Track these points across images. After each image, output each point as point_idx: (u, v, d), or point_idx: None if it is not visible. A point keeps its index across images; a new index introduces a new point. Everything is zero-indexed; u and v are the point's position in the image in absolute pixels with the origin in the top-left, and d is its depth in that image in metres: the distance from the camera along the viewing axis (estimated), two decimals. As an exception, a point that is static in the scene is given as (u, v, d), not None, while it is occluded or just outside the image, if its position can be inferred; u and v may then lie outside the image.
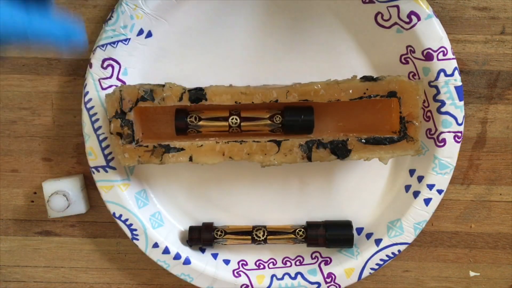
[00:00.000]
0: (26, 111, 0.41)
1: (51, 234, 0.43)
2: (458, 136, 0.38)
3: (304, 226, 0.40)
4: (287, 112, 0.36)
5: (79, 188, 0.41)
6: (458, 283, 0.44)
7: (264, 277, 0.41)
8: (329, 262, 0.41)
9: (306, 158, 0.36)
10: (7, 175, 0.42)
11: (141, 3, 0.37)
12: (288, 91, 0.36)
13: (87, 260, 0.44)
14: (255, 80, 0.39)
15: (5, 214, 0.43)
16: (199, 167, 0.41)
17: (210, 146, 0.36)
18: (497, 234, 0.43)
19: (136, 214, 0.40)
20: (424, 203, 0.39)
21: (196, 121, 0.36)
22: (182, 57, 0.39)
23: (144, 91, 0.35)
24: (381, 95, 0.35)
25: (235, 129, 0.36)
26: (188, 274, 0.40)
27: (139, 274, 0.44)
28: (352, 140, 0.36)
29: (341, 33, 0.39)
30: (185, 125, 0.36)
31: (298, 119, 0.36)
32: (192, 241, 0.40)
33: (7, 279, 0.44)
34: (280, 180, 0.41)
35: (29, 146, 0.42)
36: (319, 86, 0.35)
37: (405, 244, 0.40)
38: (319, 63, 0.39)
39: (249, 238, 0.40)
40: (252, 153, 0.36)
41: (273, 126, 0.36)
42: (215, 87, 0.36)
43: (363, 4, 0.37)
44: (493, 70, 0.40)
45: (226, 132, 0.36)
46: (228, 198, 0.41)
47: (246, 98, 0.36)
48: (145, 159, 0.37)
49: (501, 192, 0.42)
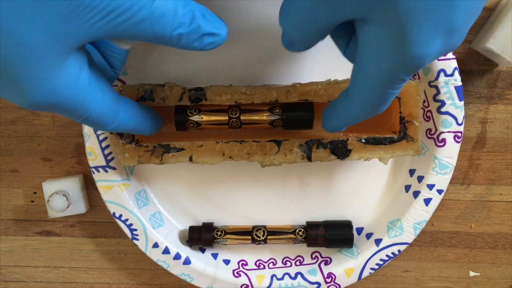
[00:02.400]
0: (26, 111, 0.41)
1: (51, 234, 0.43)
2: (458, 136, 0.38)
3: (304, 226, 0.40)
4: (287, 105, 0.36)
5: (79, 188, 0.41)
6: (458, 283, 0.44)
7: (264, 277, 0.41)
8: (329, 262, 0.41)
9: (306, 158, 0.36)
10: (7, 175, 0.43)
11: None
12: (288, 91, 0.36)
13: (87, 260, 0.44)
14: (255, 80, 0.39)
15: (5, 214, 0.43)
16: (199, 167, 0.41)
17: (210, 146, 0.36)
18: (497, 234, 0.43)
19: (136, 214, 0.40)
20: (424, 203, 0.39)
21: (196, 113, 0.35)
22: (182, 57, 0.39)
23: (144, 91, 0.35)
24: (381, 95, 0.35)
25: (235, 120, 0.35)
26: (188, 274, 0.40)
27: (139, 274, 0.44)
28: (352, 140, 0.36)
29: (341, 33, 0.39)
30: (185, 119, 0.35)
31: (298, 111, 0.35)
32: (192, 241, 0.40)
33: (7, 279, 0.44)
34: (280, 180, 0.41)
35: (29, 146, 0.42)
36: (319, 86, 0.35)
37: (405, 244, 0.40)
38: (319, 63, 0.39)
39: (249, 238, 0.40)
40: (252, 153, 0.36)
41: (273, 117, 0.35)
42: (215, 87, 0.36)
43: (363, 4, 0.37)
44: (493, 70, 0.40)
45: (226, 124, 0.35)
46: (228, 198, 0.42)
47: (246, 98, 0.36)
48: (145, 159, 0.37)
49: (501, 192, 0.42)
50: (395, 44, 0.22)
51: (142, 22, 0.22)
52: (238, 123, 0.35)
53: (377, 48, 0.23)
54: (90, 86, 0.24)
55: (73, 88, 0.23)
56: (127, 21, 0.22)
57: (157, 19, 0.22)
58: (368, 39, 0.23)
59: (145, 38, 0.23)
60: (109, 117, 0.27)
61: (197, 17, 0.24)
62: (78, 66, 0.23)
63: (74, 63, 0.23)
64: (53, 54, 0.21)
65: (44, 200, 0.40)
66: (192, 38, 0.24)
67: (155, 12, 0.22)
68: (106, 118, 0.26)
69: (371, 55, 0.23)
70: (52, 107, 0.23)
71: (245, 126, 0.36)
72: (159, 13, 0.22)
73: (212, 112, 0.35)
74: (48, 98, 0.22)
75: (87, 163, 0.39)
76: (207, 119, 0.35)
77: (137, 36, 0.23)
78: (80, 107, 0.24)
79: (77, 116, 0.25)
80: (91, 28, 0.22)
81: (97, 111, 0.25)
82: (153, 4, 0.22)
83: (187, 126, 0.36)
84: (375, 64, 0.23)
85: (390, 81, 0.24)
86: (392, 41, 0.22)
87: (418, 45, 0.22)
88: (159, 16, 0.22)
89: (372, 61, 0.23)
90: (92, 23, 0.21)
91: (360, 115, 0.27)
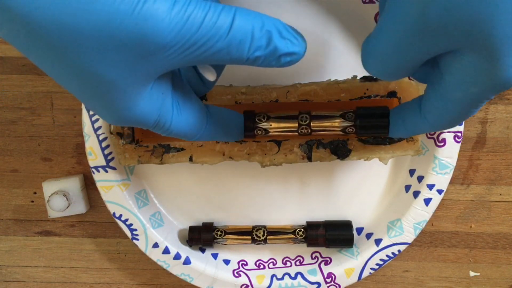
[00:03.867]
0: (26, 111, 0.41)
1: (51, 234, 0.43)
2: (458, 136, 0.38)
3: (304, 226, 0.40)
4: (361, 110, 0.33)
5: (79, 188, 0.41)
6: (458, 283, 0.44)
7: (264, 277, 0.41)
8: (329, 262, 0.41)
9: (306, 158, 0.36)
10: (7, 175, 0.43)
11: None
12: (288, 91, 0.36)
13: (87, 260, 0.44)
14: (255, 80, 0.39)
15: (5, 214, 0.43)
16: (199, 167, 0.41)
17: (210, 146, 0.36)
18: (497, 234, 0.43)
19: (136, 214, 0.40)
20: (424, 203, 0.39)
21: (264, 120, 0.33)
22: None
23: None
24: (381, 95, 0.35)
25: (305, 127, 0.33)
26: (188, 274, 0.40)
27: (139, 274, 0.44)
28: (352, 140, 0.36)
29: (341, 33, 0.39)
30: (253, 126, 0.33)
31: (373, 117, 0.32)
32: (192, 241, 0.40)
33: (7, 279, 0.44)
34: (280, 180, 0.41)
35: (29, 146, 0.42)
36: (319, 86, 0.35)
37: (405, 244, 0.40)
38: (319, 63, 0.39)
39: (249, 238, 0.40)
40: (252, 153, 0.36)
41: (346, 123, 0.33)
42: (215, 87, 0.36)
43: (363, 4, 0.37)
44: (493, 70, 0.40)
45: (295, 132, 0.33)
46: (228, 198, 0.42)
47: (246, 98, 0.36)
48: (145, 159, 0.37)
49: (501, 192, 0.42)
50: (486, 70, 0.22)
51: (219, 52, 0.23)
52: (309, 130, 0.33)
53: (466, 75, 0.23)
54: (174, 108, 0.26)
55: (156, 111, 0.25)
56: (203, 54, 0.23)
57: (234, 47, 0.23)
58: (454, 67, 0.23)
59: (223, 63, 0.24)
60: (193, 132, 0.28)
61: (274, 38, 0.24)
62: (162, 92, 0.25)
63: (157, 90, 0.25)
64: (133, 86, 0.23)
65: (44, 200, 0.40)
66: (269, 60, 0.24)
67: (232, 42, 0.23)
68: (191, 133, 0.28)
69: (458, 81, 0.23)
70: (139, 125, 0.26)
71: (315, 133, 0.33)
72: (236, 41, 0.23)
73: (281, 118, 0.33)
74: (133, 119, 0.25)
75: (87, 163, 0.39)
76: (276, 126, 0.33)
77: (215, 62, 0.24)
78: (164, 126, 0.26)
79: (163, 132, 0.27)
80: (168, 63, 0.23)
81: (182, 129, 0.27)
82: (229, 35, 0.22)
83: (255, 133, 0.33)
84: (463, 89, 0.23)
85: (477, 103, 0.24)
86: (483, 67, 0.22)
87: (510, 69, 0.22)
88: (236, 44, 0.23)
89: (460, 87, 0.23)
90: (169, 59, 0.22)
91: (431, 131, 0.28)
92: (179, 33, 0.22)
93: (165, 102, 0.26)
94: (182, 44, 0.22)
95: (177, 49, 0.22)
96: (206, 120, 0.29)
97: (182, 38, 0.22)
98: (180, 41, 0.22)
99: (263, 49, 0.23)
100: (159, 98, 0.25)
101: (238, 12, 0.23)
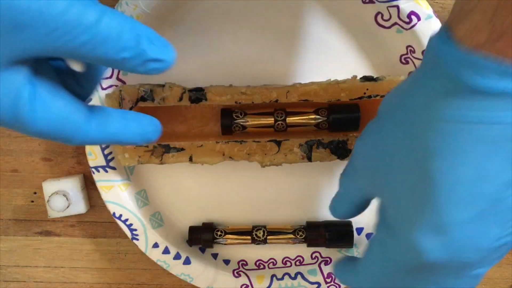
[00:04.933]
0: (26, 111, 0.41)
1: (51, 234, 0.43)
2: (458, 136, 0.38)
3: (304, 226, 0.40)
4: (333, 107, 0.36)
5: (79, 188, 0.41)
6: (458, 283, 0.44)
7: (264, 277, 0.41)
8: (329, 262, 0.41)
9: (306, 158, 0.36)
10: (7, 175, 0.43)
11: (141, 3, 0.37)
12: (288, 91, 0.36)
13: (87, 260, 0.44)
14: (255, 80, 0.39)
15: (5, 214, 0.43)
16: (199, 167, 0.41)
17: (210, 146, 0.36)
18: (497, 234, 0.43)
19: (136, 214, 0.40)
20: (424, 203, 0.39)
21: (242, 116, 0.35)
22: (182, 57, 0.39)
23: (144, 91, 0.35)
24: (381, 95, 0.35)
25: (281, 123, 0.35)
26: (188, 274, 0.40)
27: (139, 274, 0.44)
28: (352, 140, 0.36)
29: (341, 33, 0.39)
30: (230, 122, 0.35)
31: (345, 112, 0.35)
32: (192, 241, 0.40)
33: (7, 279, 0.44)
34: (280, 180, 0.41)
35: (29, 146, 0.42)
36: (319, 86, 0.35)
37: (405, 244, 0.40)
38: (319, 63, 0.39)
39: (249, 238, 0.40)
40: (252, 153, 0.36)
41: (319, 119, 0.35)
42: (215, 87, 0.36)
43: (363, 4, 0.37)
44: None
45: (271, 127, 0.36)
46: (228, 198, 0.41)
47: (246, 98, 0.36)
48: (145, 159, 0.37)
49: (501, 192, 0.42)
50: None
51: (83, 45, 0.21)
52: (284, 126, 0.35)
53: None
54: (36, 102, 0.23)
55: (6, 103, 0.22)
56: (67, 44, 0.21)
57: (100, 43, 0.22)
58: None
59: (89, 60, 0.23)
60: (65, 135, 0.25)
61: (143, 42, 0.23)
62: (19, 80, 0.22)
63: (10, 77, 0.22)
64: None
65: (44, 200, 0.40)
66: (135, 63, 0.23)
67: (97, 36, 0.21)
68: (61, 135, 0.25)
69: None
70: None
71: (290, 128, 0.36)
72: (101, 37, 0.22)
73: (258, 115, 0.35)
74: None
75: (87, 163, 0.39)
76: (252, 122, 0.35)
77: (81, 57, 0.22)
78: (19, 123, 0.23)
79: (22, 131, 0.24)
80: (24, 47, 0.21)
81: (44, 129, 0.24)
82: (94, 28, 0.21)
83: (232, 129, 0.35)
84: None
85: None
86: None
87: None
88: (102, 40, 0.22)
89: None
90: (25, 43, 0.21)
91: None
92: (41, 15, 0.20)
93: (21, 93, 0.22)
94: (40, 26, 0.20)
95: (36, 32, 0.20)
96: (86, 120, 0.25)
97: (42, 20, 0.20)
98: (38, 22, 0.20)
99: (130, 51, 0.23)
100: (12, 87, 0.22)
101: (111, 11, 0.22)
